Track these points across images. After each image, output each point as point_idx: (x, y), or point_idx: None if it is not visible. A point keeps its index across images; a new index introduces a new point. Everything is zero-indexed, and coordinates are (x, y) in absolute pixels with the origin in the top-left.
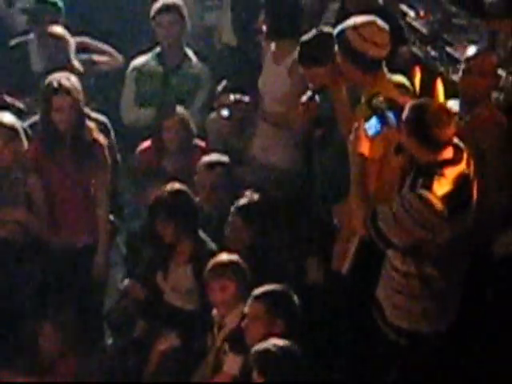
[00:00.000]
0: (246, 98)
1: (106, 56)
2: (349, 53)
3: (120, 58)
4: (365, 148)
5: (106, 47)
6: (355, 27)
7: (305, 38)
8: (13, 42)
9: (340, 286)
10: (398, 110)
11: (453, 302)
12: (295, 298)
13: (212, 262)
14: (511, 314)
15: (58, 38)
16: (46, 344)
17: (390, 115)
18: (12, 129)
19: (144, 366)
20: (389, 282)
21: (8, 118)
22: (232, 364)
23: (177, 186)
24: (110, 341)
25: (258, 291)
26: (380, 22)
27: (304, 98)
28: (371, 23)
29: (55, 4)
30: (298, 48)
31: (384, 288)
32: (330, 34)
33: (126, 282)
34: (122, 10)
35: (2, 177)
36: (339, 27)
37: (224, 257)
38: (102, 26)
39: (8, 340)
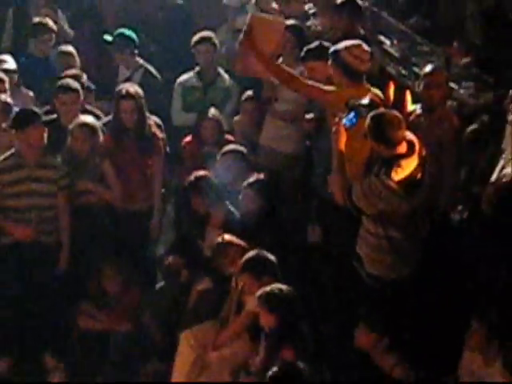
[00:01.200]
0: None
1: None
2: (341, 66)
3: None
4: (342, 140)
5: None
6: (347, 47)
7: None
8: None
9: (331, 245)
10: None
11: (414, 256)
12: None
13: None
14: (462, 266)
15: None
16: (110, 284)
17: (363, 110)
18: (92, 127)
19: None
20: (364, 240)
21: (90, 119)
22: (252, 303)
23: (201, 172)
24: (161, 284)
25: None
26: (364, 44)
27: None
28: (359, 45)
29: (131, 38)
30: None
31: (361, 245)
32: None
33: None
34: (173, 40)
35: (85, 161)
36: (334, 48)
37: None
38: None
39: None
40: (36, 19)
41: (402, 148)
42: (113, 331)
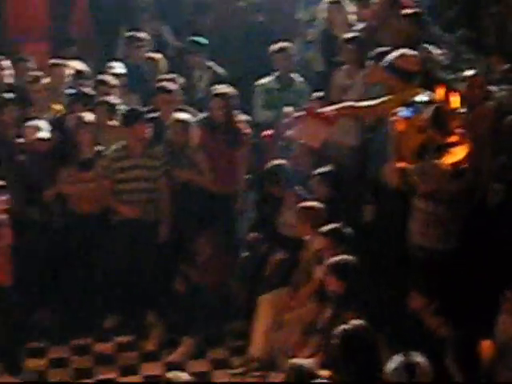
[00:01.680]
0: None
1: None
2: (395, 70)
3: None
4: (399, 130)
5: None
6: (400, 55)
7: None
8: None
9: (385, 223)
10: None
11: (457, 230)
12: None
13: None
14: (497, 241)
15: None
16: (203, 251)
17: (420, 106)
18: (186, 123)
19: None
20: (415, 217)
21: (184, 115)
22: (319, 272)
23: (277, 161)
24: (244, 255)
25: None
26: (414, 52)
27: None
28: (409, 52)
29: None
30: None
31: (412, 221)
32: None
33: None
34: (255, 51)
35: (181, 151)
36: (389, 56)
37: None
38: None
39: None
40: (130, 33)
41: (453, 138)
42: (205, 291)
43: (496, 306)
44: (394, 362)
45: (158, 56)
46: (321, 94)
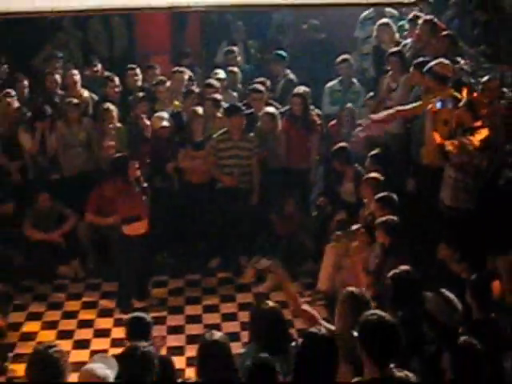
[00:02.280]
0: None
1: None
2: (433, 75)
3: None
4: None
5: None
6: (437, 63)
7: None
8: None
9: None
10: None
11: (477, 194)
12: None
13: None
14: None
15: None
16: (286, 209)
17: (449, 101)
18: (273, 114)
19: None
20: (446, 184)
21: (271, 109)
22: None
23: (341, 144)
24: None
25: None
26: (447, 61)
27: None
28: (445, 61)
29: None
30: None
31: (444, 188)
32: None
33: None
34: (319, 61)
35: (268, 136)
36: (429, 64)
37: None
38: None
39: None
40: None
41: (478, 123)
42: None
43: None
44: (432, 299)
45: (235, 69)
46: (372, 94)
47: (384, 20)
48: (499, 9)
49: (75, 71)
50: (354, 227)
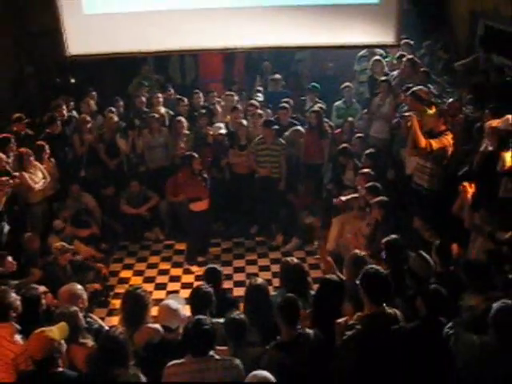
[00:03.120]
0: None
1: None
2: (417, 98)
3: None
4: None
5: None
6: (419, 89)
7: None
8: None
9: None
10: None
11: (441, 180)
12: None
13: None
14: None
15: None
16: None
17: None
18: (299, 131)
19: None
20: (419, 170)
21: (300, 127)
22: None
23: (343, 145)
24: (324, 195)
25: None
26: (425, 88)
27: None
28: (424, 88)
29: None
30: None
31: (416, 174)
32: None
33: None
34: (331, 87)
35: (293, 141)
36: (411, 90)
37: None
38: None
39: None
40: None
41: (444, 128)
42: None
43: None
44: (413, 259)
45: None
46: (366, 110)
47: (377, 57)
48: (457, 50)
49: (159, 94)
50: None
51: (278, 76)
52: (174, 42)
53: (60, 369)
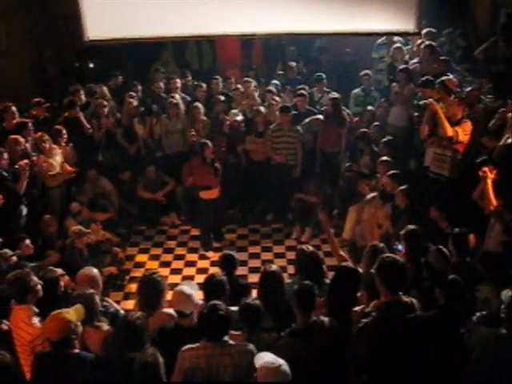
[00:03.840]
0: None
1: None
2: (444, 88)
3: None
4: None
5: None
6: (447, 79)
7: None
8: None
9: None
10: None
11: (460, 168)
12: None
13: None
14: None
15: None
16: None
17: None
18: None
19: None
20: (439, 158)
21: (320, 116)
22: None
23: (362, 130)
24: (341, 183)
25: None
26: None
27: None
28: (451, 78)
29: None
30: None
31: (434, 162)
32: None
33: None
34: (349, 75)
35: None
36: (440, 79)
37: None
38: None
39: None
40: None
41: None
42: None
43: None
44: (432, 253)
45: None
46: (384, 99)
47: (398, 44)
48: (477, 38)
49: (178, 80)
50: (370, 195)
51: (293, 63)
52: (192, 28)
53: (76, 350)
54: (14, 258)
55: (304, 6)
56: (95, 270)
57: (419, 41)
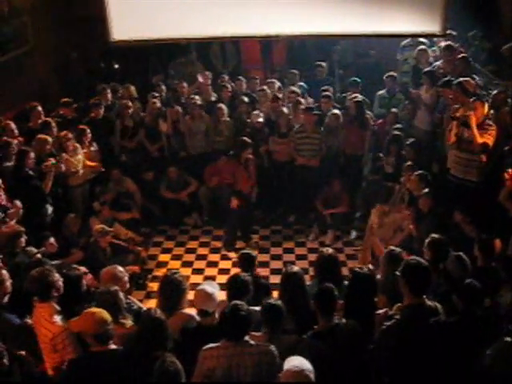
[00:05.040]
0: None
1: None
2: (462, 89)
3: None
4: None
5: None
6: (465, 80)
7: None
8: None
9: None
10: None
11: (484, 172)
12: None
13: None
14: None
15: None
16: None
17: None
18: (337, 114)
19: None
20: (463, 162)
21: (336, 111)
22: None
23: (396, 132)
24: (364, 185)
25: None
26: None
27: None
28: (469, 80)
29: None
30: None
31: (456, 167)
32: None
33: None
34: (373, 77)
35: (333, 130)
36: (458, 80)
37: None
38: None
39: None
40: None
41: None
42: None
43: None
44: (451, 259)
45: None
46: (409, 101)
47: (422, 46)
48: (504, 40)
49: (185, 84)
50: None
51: (323, 63)
52: (216, 29)
53: (113, 346)
54: (39, 256)
55: (328, 7)
56: (120, 269)
57: (443, 43)
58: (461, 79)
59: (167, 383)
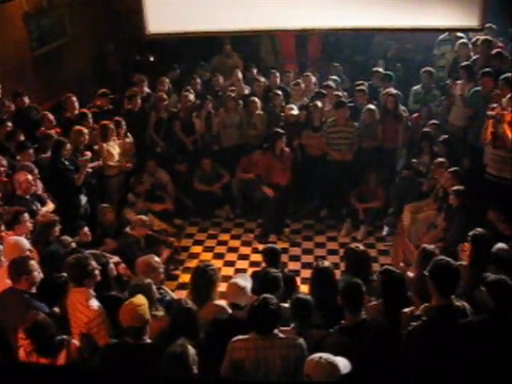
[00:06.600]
0: None
1: None
2: (509, 84)
3: None
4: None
5: None
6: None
7: None
8: None
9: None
10: None
11: None
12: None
13: None
14: None
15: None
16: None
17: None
18: (373, 109)
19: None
20: (494, 159)
21: (371, 105)
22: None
23: (429, 127)
24: (397, 181)
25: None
26: None
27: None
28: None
29: (390, 75)
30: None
31: (492, 164)
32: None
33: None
34: (411, 72)
35: (368, 126)
36: (504, 75)
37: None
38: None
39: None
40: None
41: None
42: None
43: None
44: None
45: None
46: (444, 97)
47: (464, 40)
48: None
49: (240, 73)
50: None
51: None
52: (251, 22)
53: (148, 340)
54: (73, 245)
55: (364, 2)
56: (156, 258)
57: (482, 38)
58: (508, 74)
59: (173, 364)
